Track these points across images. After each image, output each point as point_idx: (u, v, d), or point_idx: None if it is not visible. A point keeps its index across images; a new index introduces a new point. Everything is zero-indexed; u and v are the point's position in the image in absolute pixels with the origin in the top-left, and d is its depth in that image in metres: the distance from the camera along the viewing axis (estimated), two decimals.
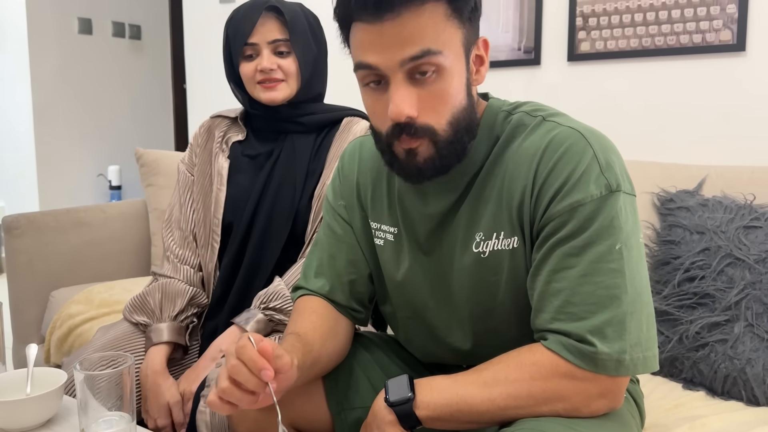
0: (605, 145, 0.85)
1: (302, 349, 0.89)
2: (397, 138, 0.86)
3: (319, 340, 0.97)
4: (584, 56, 1.90)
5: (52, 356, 1.79)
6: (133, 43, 4.35)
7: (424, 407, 0.83)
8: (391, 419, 0.84)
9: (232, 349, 0.79)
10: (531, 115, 0.91)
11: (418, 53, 0.80)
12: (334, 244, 1.07)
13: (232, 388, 0.78)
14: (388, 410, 0.84)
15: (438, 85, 0.83)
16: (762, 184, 1.42)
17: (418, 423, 0.84)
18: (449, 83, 0.83)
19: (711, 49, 1.71)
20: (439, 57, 0.81)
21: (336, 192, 1.09)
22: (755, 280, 1.28)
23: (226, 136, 1.45)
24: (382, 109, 0.86)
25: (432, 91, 0.83)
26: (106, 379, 0.87)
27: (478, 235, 0.91)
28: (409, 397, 0.84)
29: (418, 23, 0.80)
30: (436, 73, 0.82)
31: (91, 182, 4.17)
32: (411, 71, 0.82)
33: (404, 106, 0.82)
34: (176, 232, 1.44)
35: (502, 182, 0.89)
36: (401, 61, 0.81)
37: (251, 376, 0.77)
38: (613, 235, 0.81)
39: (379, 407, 0.86)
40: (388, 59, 0.81)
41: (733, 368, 1.25)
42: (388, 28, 0.80)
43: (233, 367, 0.77)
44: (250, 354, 0.76)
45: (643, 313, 0.82)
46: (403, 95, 0.82)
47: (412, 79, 0.83)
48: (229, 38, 1.36)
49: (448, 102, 0.84)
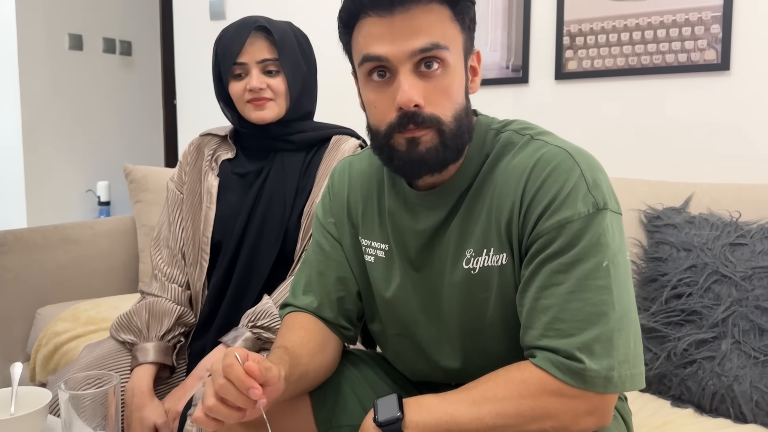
0: (592, 164, 0.87)
1: (290, 362, 0.89)
2: (403, 128, 0.86)
3: (307, 354, 0.96)
4: (571, 75, 1.92)
5: (37, 374, 1.77)
6: (123, 59, 4.35)
7: (413, 427, 0.83)
8: None
9: (219, 367, 0.79)
10: (519, 133, 0.92)
11: (428, 45, 0.84)
12: (323, 261, 1.07)
13: (220, 406, 0.77)
14: (377, 430, 0.84)
15: (443, 79, 0.86)
16: (747, 202, 1.44)
17: None
18: (453, 79, 0.87)
19: (696, 68, 1.74)
20: (446, 52, 0.85)
21: (326, 209, 1.09)
22: (741, 297, 1.29)
23: (215, 154, 1.45)
24: (385, 102, 0.87)
25: (437, 84, 0.86)
26: (90, 399, 0.86)
27: (469, 251, 0.91)
28: (398, 417, 0.83)
29: (427, 18, 0.84)
30: (442, 67, 0.86)
31: (80, 198, 4.15)
32: (418, 63, 0.85)
33: (413, 93, 0.84)
34: (164, 250, 1.43)
35: (491, 199, 0.90)
36: (411, 51, 0.84)
37: (239, 394, 0.76)
38: (601, 253, 0.82)
39: (367, 427, 0.86)
40: (398, 50, 0.84)
41: (721, 385, 1.25)
42: (398, 21, 0.84)
43: (221, 387, 0.77)
44: (237, 374, 0.76)
45: (630, 330, 0.82)
46: (411, 83, 0.85)
47: (418, 72, 0.86)
48: (218, 57, 1.37)
49: (452, 97, 0.87)
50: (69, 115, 4.04)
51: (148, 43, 4.52)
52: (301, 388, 0.96)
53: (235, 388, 0.76)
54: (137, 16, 4.42)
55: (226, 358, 0.78)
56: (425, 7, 0.84)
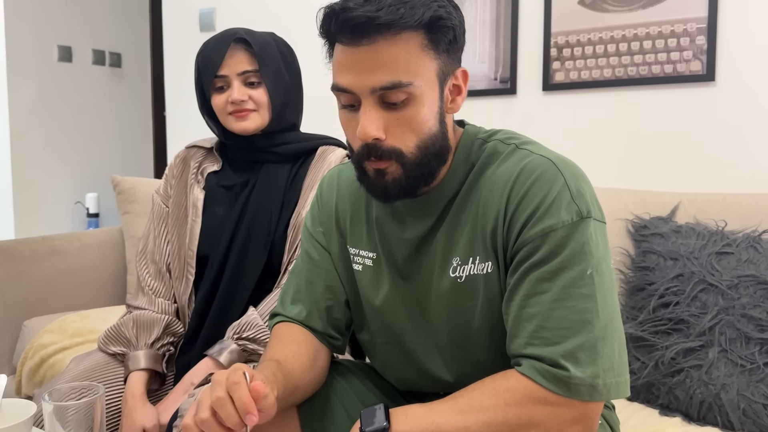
0: (576, 173, 0.87)
1: (283, 380, 0.89)
2: (366, 159, 0.88)
3: (299, 369, 0.96)
4: (559, 86, 1.94)
5: (23, 387, 1.75)
6: (113, 70, 4.35)
7: None
8: None
9: (221, 378, 0.78)
10: (505, 143, 0.93)
11: (388, 84, 0.83)
12: (311, 270, 1.07)
13: (212, 421, 0.77)
14: None
15: (407, 111, 0.85)
16: (733, 211, 1.45)
17: None
18: (418, 110, 0.85)
19: (682, 79, 1.76)
20: (409, 88, 0.83)
21: (314, 218, 1.10)
22: (728, 306, 1.30)
23: (201, 167, 1.44)
24: (352, 129, 0.88)
25: (401, 116, 0.85)
26: (74, 410, 0.85)
27: (455, 260, 0.92)
28: (384, 427, 0.83)
29: (391, 52, 0.82)
30: (406, 101, 0.85)
31: (68, 210, 4.12)
32: (381, 97, 0.85)
33: (371, 128, 0.85)
34: (150, 264, 1.42)
35: (477, 208, 0.91)
36: (372, 88, 0.83)
37: (235, 414, 0.75)
38: (585, 261, 0.82)
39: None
40: (360, 84, 0.84)
41: (708, 393, 1.25)
42: (363, 53, 0.83)
43: (218, 400, 0.76)
44: (242, 394, 0.75)
45: (615, 338, 0.82)
46: (370, 118, 0.85)
47: (383, 103, 0.85)
48: (199, 71, 1.37)
49: (416, 128, 0.86)
50: (58, 127, 4.02)
51: (138, 54, 4.52)
52: (290, 402, 0.95)
53: (233, 407, 0.76)
54: (127, 28, 4.42)
55: (234, 374, 0.78)
56: (392, 39, 0.82)
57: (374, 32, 0.82)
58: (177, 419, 1.15)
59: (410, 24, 0.82)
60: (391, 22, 0.81)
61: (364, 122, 0.85)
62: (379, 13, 0.81)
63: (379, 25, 0.81)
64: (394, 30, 0.82)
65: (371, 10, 0.81)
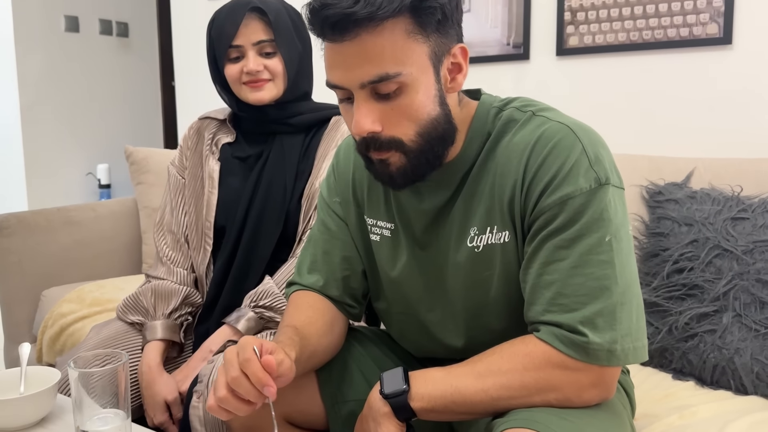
0: (594, 139, 0.87)
1: (300, 343, 0.90)
2: (366, 151, 0.88)
3: (315, 334, 0.98)
4: (573, 51, 1.91)
5: (44, 355, 1.79)
6: (120, 40, 4.32)
7: (419, 399, 0.84)
8: (386, 411, 0.85)
9: (232, 356, 0.80)
10: (521, 110, 0.92)
11: (375, 78, 0.82)
12: (328, 240, 1.07)
13: (230, 397, 0.79)
14: (383, 402, 0.85)
15: (401, 100, 0.84)
16: (749, 176, 1.44)
17: (413, 415, 0.85)
18: (413, 98, 0.84)
19: (698, 42, 1.73)
20: (399, 77, 0.82)
21: (331, 188, 1.10)
22: (743, 271, 1.30)
23: (215, 138, 1.44)
24: (351, 122, 0.88)
25: (395, 106, 0.84)
26: (99, 377, 0.87)
27: (473, 229, 0.92)
28: (404, 390, 0.85)
29: (376, 44, 0.81)
30: (399, 90, 0.83)
31: (80, 181, 4.15)
32: (372, 90, 0.83)
33: (365, 122, 0.84)
34: (168, 235, 1.44)
35: (494, 177, 0.90)
36: (360, 83, 0.83)
37: (252, 389, 0.78)
38: (603, 228, 0.82)
39: (374, 399, 0.87)
40: (349, 79, 0.83)
41: (722, 358, 1.26)
42: (347, 48, 0.82)
43: (234, 380, 0.78)
44: (254, 369, 0.77)
45: (633, 303, 0.83)
46: (364, 112, 0.84)
47: (375, 95, 0.84)
48: (212, 41, 1.35)
49: (413, 115, 0.85)
50: (67, 98, 4.02)
51: (145, 24, 4.49)
52: (309, 367, 0.97)
53: (249, 383, 0.77)
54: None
55: (243, 350, 0.79)
56: (375, 30, 0.80)
57: (355, 26, 0.80)
58: (197, 384, 1.17)
59: (390, 12, 0.80)
60: (370, 15, 0.79)
61: (357, 117, 0.84)
62: (356, 8, 0.79)
63: (358, 19, 0.79)
64: (375, 21, 0.80)
65: (348, 4, 0.79)
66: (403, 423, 0.86)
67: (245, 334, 1.27)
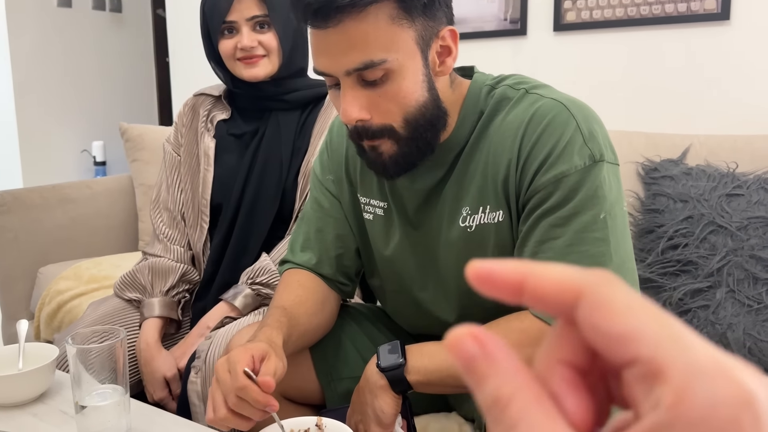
0: (588, 115, 0.86)
1: (287, 324, 0.91)
2: (357, 140, 0.87)
3: (305, 314, 0.98)
4: (570, 26, 1.90)
5: (42, 332, 1.79)
6: (113, 16, 4.27)
7: (415, 372, 0.85)
8: (383, 384, 0.86)
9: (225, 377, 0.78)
10: (514, 88, 0.91)
11: (360, 65, 0.80)
12: (321, 218, 1.07)
13: (231, 417, 0.79)
14: (380, 375, 0.86)
15: (388, 87, 0.82)
16: (744, 153, 1.44)
17: (408, 387, 0.86)
18: (400, 84, 0.82)
19: (696, 18, 1.72)
20: (385, 64, 0.80)
21: (324, 166, 1.09)
22: (737, 247, 1.31)
23: (210, 115, 1.44)
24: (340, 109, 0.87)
25: (382, 93, 0.83)
26: (98, 353, 0.87)
27: (465, 209, 0.92)
28: (400, 363, 0.86)
29: (359, 30, 0.79)
30: (386, 76, 0.82)
31: (75, 158, 4.12)
32: (359, 77, 0.82)
33: (352, 110, 0.83)
34: (164, 212, 1.43)
35: (487, 156, 0.90)
36: (346, 70, 0.81)
37: (255, 410, 0.78)
38: (598, 205, 0.82)
39: (371, 372, 0.88)
40: (334, 67, 0.82)
41: (715, 333, 1.28)
42: (332, 35, 0.80)
43: (236, 406, 0.78)
44: (254, 396, 0.77)
45: (627, 280, 0.84)
46: (349, 99, 0.83)
47: (362, 82, 0.83)
48: (206, 16, 1.34)
49: (401, 102, 0.83)
50: (60, 75, 3.98)
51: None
52: (300, 346, 0.98)
53: (251, 406, 0.77)
54: None
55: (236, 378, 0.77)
56: (358, 16, 0.78)
57: (338, 13, 0.78)
58: (195, 360, 1.18)
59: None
60: (352, 1, 0.77)
61: (344, 105, 0.83)
62: None
63: (341, 5, 0.77)
64: (358, 7, 0.78)
65: None
66: (399, 395, 0.87)
67: (242, 310, 1.28)
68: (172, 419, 0.98)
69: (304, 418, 0.86)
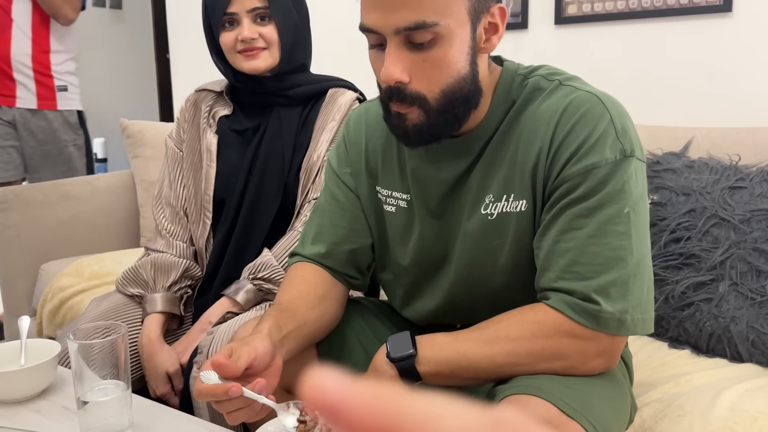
0: (621, 110, 0.87)
1: (280, 316, 0.91)
2: (389, 101, 0.86)
3: (304, 307, 0.97)
4: (571, 19, 1.89)
5: (44, 328, 1.79)
6: (113, 12, 4.27)
7: (426, 363, 0.85)
8: (392, 374, 0.86)
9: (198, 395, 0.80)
10: (547, 78, 0.91)
11: (411, 25, 0.79)
12: (335, 211, 1.06)
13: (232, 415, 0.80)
14: (390, 365, 0.86)
15: (434, 52, 0.81)
16: (747, 145, 1.44)
17: (418, 379, 0.86)
18: (446, 51, 0.81)
19: (698, 10, 1.71)
20: (436, 27, 0.79)
21: (341, 159, 1.07)
22: (740, 240, 1.30)
23: (212, 111, 1.43)
24: (379, 69, 0.85)
25: (428, 57, 0.82)
26: (99, 349, 0.87)
27: (488, 197, 0.91)
28: (411, 353, 0.85)
29: None
30: (433, 41, 0.81)
31: None
32: (406, 37, 0.81)
33: (394, 70, 0.82)
34: (167, 208, 1.43)
35: (516, 145, 0.89)
36: (396, 28, 0.80)
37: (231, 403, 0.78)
38: (623, 199, 0.82)
39: (380, 362, 0.88)
40: (383, 23, 0.81)
41: (718, 326, 1.27)
42: None
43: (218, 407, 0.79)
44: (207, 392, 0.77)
45: (645, 276, 0.83)
46: (394, 59, 0.82)
47: (409, 44, 0.81)
48: (207, 9, 1.34)
49: (444, 70, 0.83)
50: None
51: None
52: (302, 340, 0.96)
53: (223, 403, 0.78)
54: None
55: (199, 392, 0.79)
56: None
57: None
58: (197, 355, 1.18)
59: None
60: None
61: (388, 64, 0.82)
62: None
63: None
64: None
65: None
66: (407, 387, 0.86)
67: (244, 305, 1.27)
68: (174, 414, 0.98)
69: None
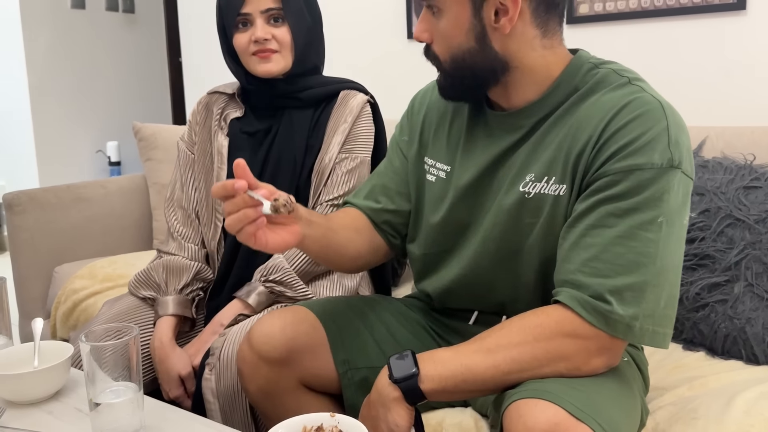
0: (680, 122, 0.87)
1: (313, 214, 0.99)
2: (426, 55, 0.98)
3: (338, 225, 1.06)
4: (583, 18, 1.88)
5: (58, 331, 1.81)
6: (126, 16, 4.30)
7: (429, 380, 0.84)
8: (396, 396, 0.85)
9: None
10: (618, 73, 0.92)
11: None
12: (389, 175, 1.14)
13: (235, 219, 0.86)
14: (393, 387, 0.85)
15: (441, 21, 0.92)
16: (762, 145, 1.42)
17: (423, 397, 0.85)
18: (445, 23, 0.92)
19: (711, 8, 1.69)
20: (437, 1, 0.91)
21: (402, 128, 1.16)
22: (755, 240, 1.29)
23: (224, 113, 1.44)
24: None
25: (437, 25, 0.93)
26: (111, 350, 0.87)
27: (530, 175, 0.93)
28: (413, 373, 0.84)
29: None
30: (437, 11, 0.92)
31: (90, 158, 4.16)
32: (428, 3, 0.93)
33: (418, 29, 0.95)
34: (179, 210, 1.44)
35: (569, 129, 0.90)
36: None
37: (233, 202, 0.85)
38: (659, 208, 0.82)
39: (383, 385, 0.87)
40: None
41: (733, 328, 1.26)
42: None
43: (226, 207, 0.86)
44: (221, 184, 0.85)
45: (664, 289, 0.82)
46: (420, 20, 0.95)
47: (428, 8, 0.94)
48: (221, 9, 1.34)
49: (445, 39, 0.93)
50: (74, 76, 4.01)
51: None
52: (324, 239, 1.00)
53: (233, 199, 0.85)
54: None
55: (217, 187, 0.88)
56: None
57: None
58: (209, 357, 1.18)
59: None
60: None
61: (417, 24, 0.95)
62: None
63: None
64: None
65: None
66: (412, 407, 0.86)
67: (256, 308, 1.28)
68: (185, 416, 0.98)
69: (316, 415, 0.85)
